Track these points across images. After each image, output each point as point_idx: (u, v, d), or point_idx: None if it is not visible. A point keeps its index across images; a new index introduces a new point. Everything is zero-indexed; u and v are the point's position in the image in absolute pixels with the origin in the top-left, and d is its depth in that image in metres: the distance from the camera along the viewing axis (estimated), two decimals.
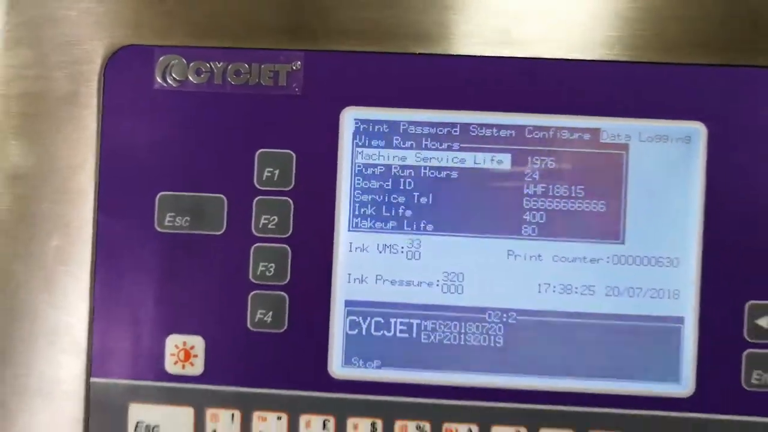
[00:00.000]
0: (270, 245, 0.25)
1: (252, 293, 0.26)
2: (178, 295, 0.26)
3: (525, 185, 0.26)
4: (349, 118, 0.26)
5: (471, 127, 0.26)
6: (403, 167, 0.26)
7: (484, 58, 0.25)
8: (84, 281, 0.26)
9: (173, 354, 0.26)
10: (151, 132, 0.26)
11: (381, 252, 0.26)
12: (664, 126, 0.25)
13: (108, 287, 0.26)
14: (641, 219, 0.25)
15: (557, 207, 0.26)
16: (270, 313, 0.25)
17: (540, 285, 0.26)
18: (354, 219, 0.26)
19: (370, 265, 0.26)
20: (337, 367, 0.26)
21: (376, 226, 0.26)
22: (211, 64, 0.26)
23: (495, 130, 0.26)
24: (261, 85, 0.26)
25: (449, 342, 0.26)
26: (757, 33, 0.25)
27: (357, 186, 0.26)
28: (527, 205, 0.26)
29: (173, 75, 0.26)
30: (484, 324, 0.26)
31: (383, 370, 0.26)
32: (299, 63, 0.26)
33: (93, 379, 0.26)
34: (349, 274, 0.26)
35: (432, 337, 0.26)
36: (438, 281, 0.26)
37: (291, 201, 0.26)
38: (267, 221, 0.25)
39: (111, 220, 0.26)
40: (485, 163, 0.26)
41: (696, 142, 0.25)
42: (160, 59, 0.26)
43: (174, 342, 0.26)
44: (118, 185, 0.26)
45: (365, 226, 0.26)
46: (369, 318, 0.26)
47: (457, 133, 0.26)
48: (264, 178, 0.25)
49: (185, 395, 0.26)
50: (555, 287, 0.25)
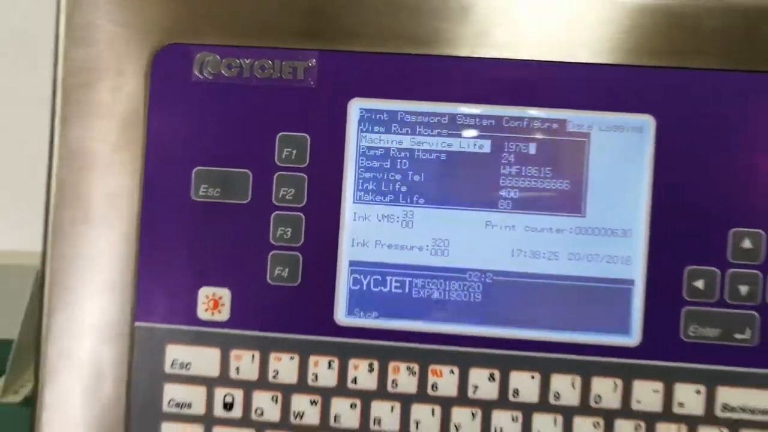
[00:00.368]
0: (287, 213, 0.30)
1: (271, 253, 0.30)
2: (209, 254, 0.31)
3: (502, 166, 0.30)
4: (356, 107, 0.31)
5: (457, 117, 0.31)
6: (400, 150, 0.31)
7: (468, 58, 0.30)
8: (132, 242, 0.31)
9: (204, 303, 0.31)
10: (189, 117, 0.31)
11: (380, 221, 0.31)
12: (620, 118, 0.30)
13: (151, 247, 0.31)
14: (599, 196, 0.30)
15: (529, 185, 0.30)
16: (286, 270, 0.30)
17: (513, 250, 0.30)
18: (358, 192, 0.31)
19: (370, 232, 0.31)
20: (342, 317, 0.31)
21: (376, 199, 0.31)
22: (241, 60, 0.31)
23: (477, 119, 0.30)
24: (282, 79, 0.30)
25: (436, 297, 0.30)
26: (697, 39, 0.29)
27: (361, 165, 0.31)
28: (503, 183, 0.30)
29: (208, 69, 0.31)
30: (465, 282, 0.30)
31: (380, 319, 0.30)
32: (314, 61, 0.30)
33: (137, 323, 0.31)
34: (353, 239, 0.31)
35: (422, 293, 0.30)
36: (427, 246, 0.31)
37: (305, 176, 0.30)
38: (285, 193, 0.30)
39: (154, 190, 0.31)
40: (469, 148, 0.31)
41: (646, 131, 0.30)
42: (197, 56, 0.31)
43: (205, 293, 0.31)
44: (160, 161, 0.31)
45: (367, 198, 0.31)
46: (369, 276, 0.31)
47: (446, 122, 0.31)
48: (283, 156, 0.30)
49: (213, 338, 0.31)
50: (526, 253, 0.30)
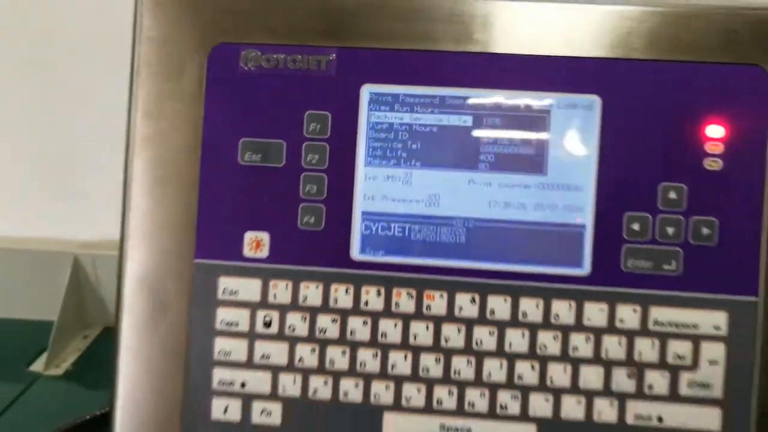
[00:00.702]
0: (313, 174, 0.39)
1: (301, 205, 0.39)
2: (253, 206, 0.39)
3: (480, 137, 0.39)
4: (366, 91, 0.39)
5: (446, 98, 0.39)
6: (401, 124, 0.39)
7: (455, 52, 0.39)
8: (193, 197, 0.39)
9: (248, 244, 0.39)
10: (236, 99, 0.39)
11: (385, 180, 0.39)
12: (573, 98, 0.38)
13: (207, 201, 0.39)
14: (558, 159, 0.38)
15: (502, 151, 0.39)
16: (312, 218, 0.39)
17: (490, 202, 0.39)
18: (368, 158, 0.39)
19: (378, 189, 0.39)
20: (356, 254, 0.39)
21: (382, 163, 0.39)
22: (276, 55, 0.39)
23: (462, 100, 0.39)
24: (309, 70, 0.39)
25: (430, 239, 0.39)
26: (631, 38, 0.38)
27: (370, 136, 0.39)
28: (482, 150, 0.39)
29: (251, 62, 0.39)
30: (452, 227, 0.39)
31: (386, 256, 0.39)
32: (334, 55, 0.39)
33: (196, 260, 0.39)
34: (365, 194, 0.39)
35: (418, 236, 0.39)
36: (422, 199, 0.39)
37: (327, 145, 0.39)
38: (311, 158, 0.39)
39: (210, 156, 0.39)
40: (455, 122, 0.39)
41: (595, 109, 0.38)
42: (242, 52, 0.39)
43: (249, 236, 0.39)
44: (215, 133, 0.39)
45: (375, 163, 0.39)
46: (377, 223, 0.39)
47: (437, 102, 0.39)
48: (310, 129, 0.39)
49: (255, 271, 0.39)
50: (500, 204, 0.39)
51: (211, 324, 0.39)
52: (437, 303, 0.38)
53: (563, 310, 0.38)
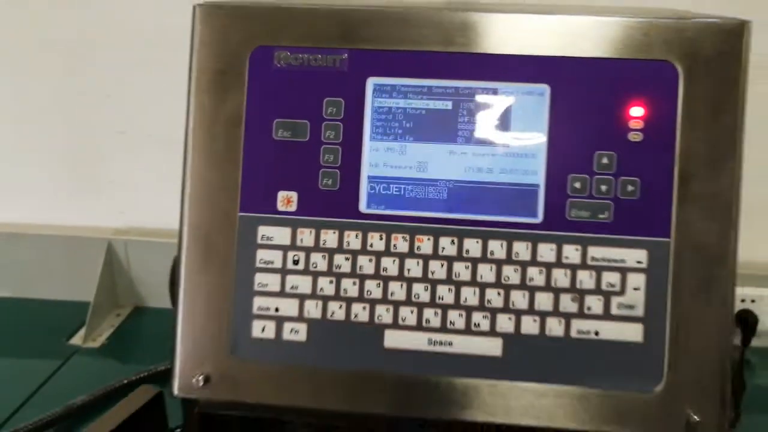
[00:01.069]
0: (330, 146, 0.50)
1: (321, 170, 0.51)
2: (284, 171, 0.51)
3: (459, 117, 0.50)
4: (371, 83, 0.51)
5: (432, 88, 0.50)
6: (398, 108, 0.51)
7: (439, 52, 0.50)
8: (238, 165, 0.51)
9: (281, 200, 0.51)
10: (271, 89, 0.51)
11: (386, 151, 0.51)
12: (529, 86, 0.50)
13: (249, 169, 0.51)
14: (518, 134, 0.50)
15: (475, 129, 0.50)
16: (330, 180, 0.50)
17: (465, 168, 0.50)
18: (372, 134, 0.51)
19: (380, 158, 0.51)
20: (363, 208, 0.50)
21: (383, 138, 0.51)
22: (302, 55, 0.51)
23: (444, 89, 0.50)
24: (327, 66, 0.51)
25: (419, 197, 0.50)
26: (576, 40, 0.49)
27: (374, 117, 0.51)
28: (460, 128, 0.50)
29: (283, 61, 0.51)
30: (436, 187, 0.50)
31: (387, 210, 0.50)
32: (346, 55, 0.51)
33: (240, 214, 0.51)
34: (370, 162, 0.51)
35: (411, 194, 0.50)
36: (413, 166, 0.50)
37: (341, 124, 0.51)
38: (330, 134, 0.51)
39: (251, 133, 0.51)
40: (439, 106, 0.51)
41: (545, 95, 0.50)
42: (275, 53, 0.51)
43: (282, 194, 0.51)
44: (255, 115, 0.51)
45: (378, 138, 0.51)
46: (380, 184, 0.51)
47: (425, 91, 0.50)
48: (328, 112, 0.51)
49: (287, 221, 0.51)
50: (474, 169, 0.50)
51: (252, 263, 0.51)
52: (425, 244, 0.50)
53: (522, 249, 0.49)
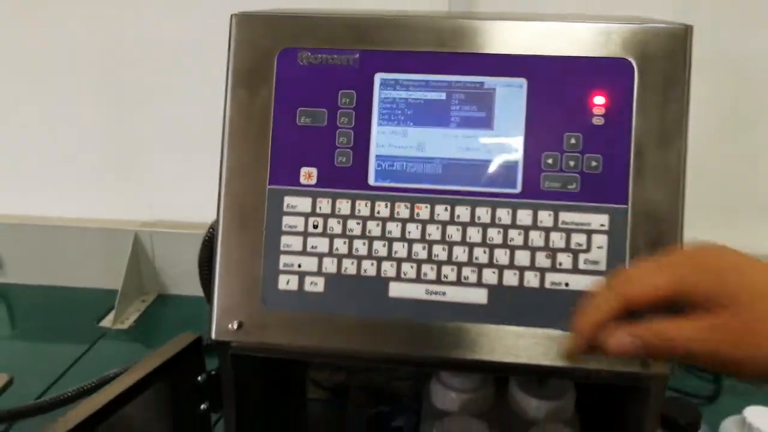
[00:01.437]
0: (344, 130, 0.61)
1: (336, 150, 0.61)
2: (306, 151, 0.61)
3: (451, 106, 0.61)
4: (378, 78, 0.61)
5: (429, 82, 0.61)
6: (400, 99, 0.61)
7: (435, 52, 0.60)
8: (267, 145, 0.61)
9: (303, 175, 0.61)
10: (296, 83, 0.61)
11: (391, 134, 0.61)
12: (509, 80, 0.60)
13: (276, 149, 0.61)
14: (501, 120, 0.60)
15: (465, 115, 0.60)
16: (344, 159, 0.61)
17: (457, 148, 0.60)
18: (380, 120, 0.61)
19: (385, 139, 0.61)
20: (371, 182, 0.60)
21: (388, 123, 0.61)
22: (321, 54, 0.61)
23: (439, 82, 0.61)
24: (342, 64, 0.61)
25: (419, 172, 0.60)
26: (547, 40, 0.59)
27: (381, 106, 0.61)
28: (452, 114, 0.60)
29: (305, 60, 0.61)
30: (432, 164, 0.60)
31: (391, 183, 0.60)
32: (358, 55, 0.61)
33: (269, 186, 0.61)
34: (377, 143, 0.61)
35: (412, 170, 0.60)
36: (413, 146, 0.61)
37: (354, 112, 0.61)
38: (344, 120, 0.61)
39: (279, 119, 0.61)
40: (435, 97, 0.61)
41: (523, 87, 0.60)
42: (299, 53, 0.61)
43: (304, 170, 0.61)
44: (281, 105, 0.61)
45: (384, 123, 0.61)
46: (386, 161, 0.61)
47: (423, 84, 0.61)
48: (343, 102, 0.61)
49: (307, 192, 0.61)
50: (464, 149, 0.60)
51: (279, 227, 0.61)
52: (423, 211, 0.60)
53: (504, 215, 0.59)
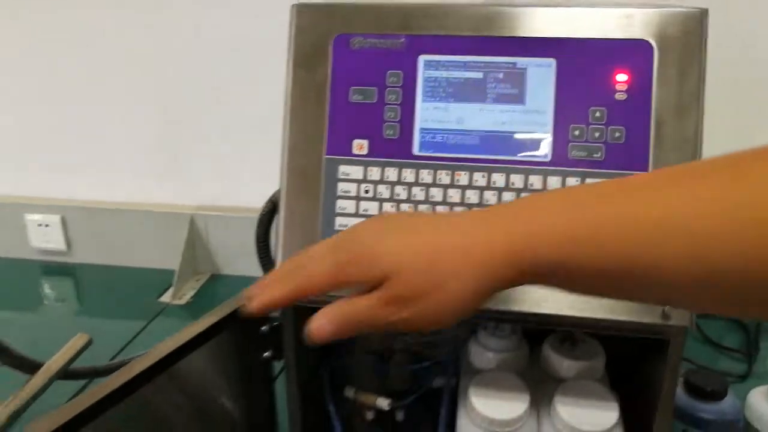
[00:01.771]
0: (392, 106, 0.68)
1: (385, 123, 0.68)
2: (358, 125, 0.69)
3: (487, 84, 0.68)
4: (422, 60, 0.69)
5: (467, 62, 0.68)
6: (442, 78, 0.68)
7: (471, 36, 0.68)
8: (324, 120, 0.69)
9: (356, 146, 0.68)
10: (349, 65, 0.69)
11: (434, 110, 0.68)
12: (540, 60, 0.67)
13: (332, 123, 0.69)
14: (532, 96, 0.67)
15: (500, 92, 0.68)
16: (392, 131, 0.68)
17: (493, 122, 0.67)
18: (424, 97, 0.68)
19: (429, 114, 0.68)
20: (416, 152, 0.68)
21: (431, 100, 0.68)
22: (372, 39, 0.69)
23: (476, 64, 0.68)
24: (389, 47, 0.68)
25: (459, 143, 0.68)
26: (574, 24, 0.66)
27: (425, 85, 0.68)
28: (488, 91, 0.68)
29: (357, 44, 0.69)
30: (470, 136, 0.67)
31: (434, 153, 0.68)
32: (404, 39, 0.69)
33: (326, 156, 0.69)
34: (421, 118, 0.68)
35: (452, 141, 0.68)
36: (454, 120, 0.68)
37: (401, 90, 0.68)
38: (391, 97, 0.68)
39: (335, 97, 0.69)
40: (473, 76, 0.68)
41: (552, 67, 0.67)
42: (352, 39, 0.69)
43: (356, 142, 0.69)
44: (337, 85, 0.69)
45: (428, 100, 0.68)
46: (429, 134, 0.68)
47: (462, 65, 0.68)
48: (390, 81, 0.68)
49: (360, 162, 0.68)
50: (499, 122, 0.67)
51: (335, 192, 0.69)
52: (463, 178, 0.67)
53: (536, 181, 0.66)
